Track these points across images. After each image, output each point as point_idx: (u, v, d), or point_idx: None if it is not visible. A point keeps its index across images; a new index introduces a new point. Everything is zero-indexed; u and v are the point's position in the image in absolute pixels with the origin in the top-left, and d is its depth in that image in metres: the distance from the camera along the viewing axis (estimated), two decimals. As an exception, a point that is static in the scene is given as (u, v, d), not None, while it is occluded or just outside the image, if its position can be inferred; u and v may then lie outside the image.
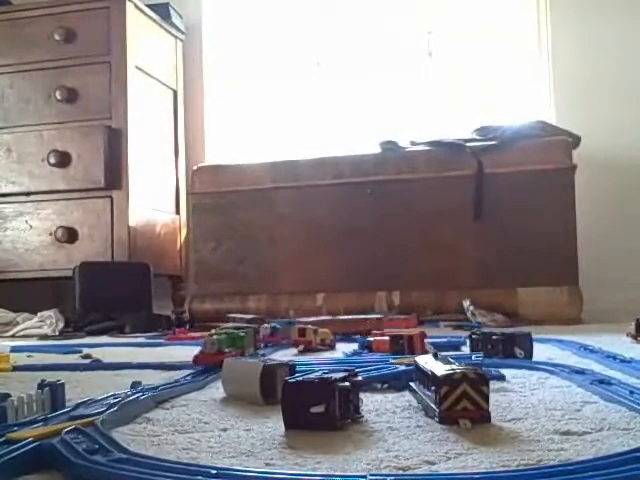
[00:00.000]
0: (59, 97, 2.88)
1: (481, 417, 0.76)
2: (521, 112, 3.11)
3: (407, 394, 0.97)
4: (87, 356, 1.58)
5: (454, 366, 0.80)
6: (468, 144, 2.72)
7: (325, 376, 0.77)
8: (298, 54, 3.46)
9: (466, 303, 2.50)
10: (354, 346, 1.57)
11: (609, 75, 3.07)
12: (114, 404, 0.84)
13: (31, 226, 2.92)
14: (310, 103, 3.42)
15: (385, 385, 1.04)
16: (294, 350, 1.61)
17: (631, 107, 3.05)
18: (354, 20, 3.41)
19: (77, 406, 0.84)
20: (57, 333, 2.43)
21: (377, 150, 2.83)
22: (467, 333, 1.47)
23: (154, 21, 3.13)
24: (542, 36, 3.22)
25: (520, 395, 0.95)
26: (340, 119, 3.37)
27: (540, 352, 1.38)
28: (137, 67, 2.96)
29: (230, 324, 1.15)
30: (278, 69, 3.48)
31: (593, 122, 3.00)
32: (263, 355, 1.39)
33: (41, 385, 0.84)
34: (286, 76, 3.46)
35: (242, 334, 1.29)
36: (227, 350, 1.22)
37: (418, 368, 0.91)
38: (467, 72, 3.27)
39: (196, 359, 1.21)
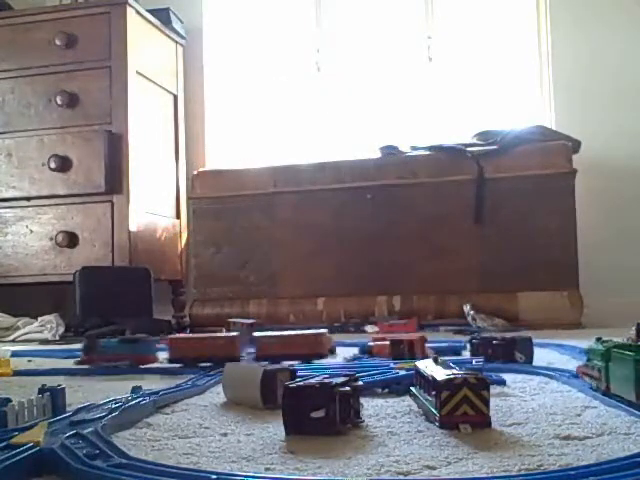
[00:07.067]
0: (60, 102, 2.88)
1: (482, 422, 0.76)
2: (521, 117, 3.11)
3: (408, 399, 0.97)
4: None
5: (455, 371, 0.80)
6: (468, 149, 2.72)
7: (325, 381, 0.77)
8: (298, 59, 3.46)
9: (467, 308, 2.50)
10: (355, 351, 1.57)
11: (608, 80, 3.07)
12: (115, 409, 0.84)
13: (32, 231, 2.91)
14: (311, 108, 3.42)
15: (386, 390, 1.04)
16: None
17: (630, 112, 3.05)
18: (355, 25, 3.42)
19: (78, 411, 0.84)
20: (58, 338, 2.44)
21: (378, 155, 2.83)
22: (468, 338, 1.47)
23: (155, 26, 3.13)
24: (542, 41, 3.22)
25: (521, 400, 0.95)
26: (341, 124, 3.37)
27: (540, 357, 1.38)
28: (138, 72, 2.96)
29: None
30: (278, 74, 3.48)
31: (592, 127, 3.01)
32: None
33: (42, 390, 0.84)
34: (286, 81, 3.47)
35: None
36: None
37: (419, 373, 0.91)
38: (467, 77, 3.27)
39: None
